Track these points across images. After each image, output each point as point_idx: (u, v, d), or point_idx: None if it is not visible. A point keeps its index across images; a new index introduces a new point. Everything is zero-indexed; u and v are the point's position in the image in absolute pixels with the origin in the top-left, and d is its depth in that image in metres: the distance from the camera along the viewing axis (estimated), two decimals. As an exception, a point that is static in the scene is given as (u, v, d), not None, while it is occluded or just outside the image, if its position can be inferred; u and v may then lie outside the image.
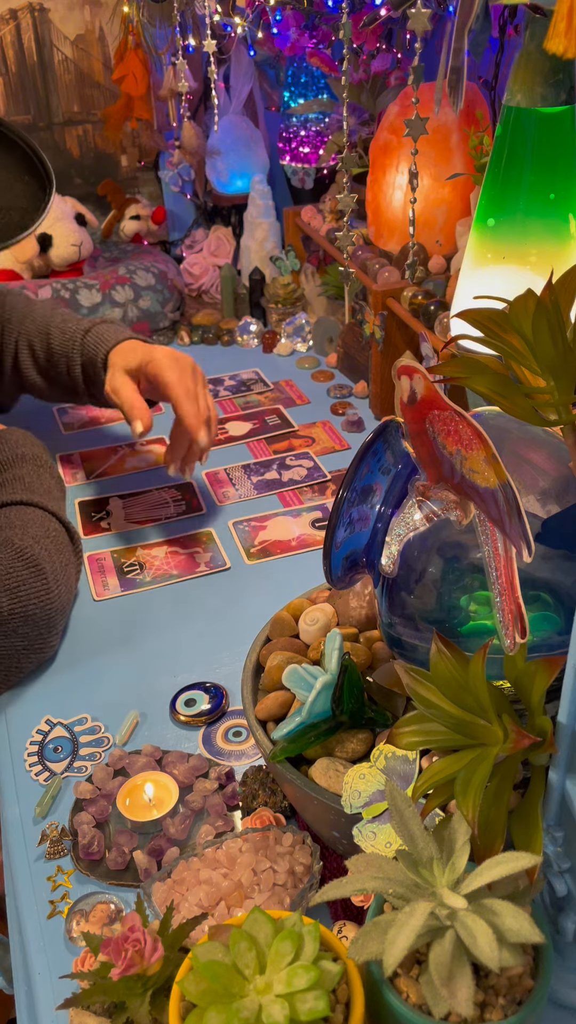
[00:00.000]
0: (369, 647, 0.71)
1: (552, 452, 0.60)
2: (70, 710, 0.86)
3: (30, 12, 1.72)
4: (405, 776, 0.58)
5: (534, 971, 0.50)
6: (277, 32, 1.47)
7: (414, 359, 0.56)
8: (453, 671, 0.52)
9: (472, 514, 0.52)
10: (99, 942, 0.57)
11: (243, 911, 0.62)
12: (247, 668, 0.72)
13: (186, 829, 0.73)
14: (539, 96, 0.77)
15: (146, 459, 1.27)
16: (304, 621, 0.73)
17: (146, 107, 1.77)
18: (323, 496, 1.17)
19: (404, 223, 1.23)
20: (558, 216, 0.81)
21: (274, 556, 1.06)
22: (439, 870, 0.49)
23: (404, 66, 1.37)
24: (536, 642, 0.58)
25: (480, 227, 0.85)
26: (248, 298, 1.64)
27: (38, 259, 1.60)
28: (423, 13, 0.99)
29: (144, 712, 0.86)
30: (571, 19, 0.54)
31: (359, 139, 1.46)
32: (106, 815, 0.75)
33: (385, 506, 0.63)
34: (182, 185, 1.72)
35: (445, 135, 1.19)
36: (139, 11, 1.66)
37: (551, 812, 0.54)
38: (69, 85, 1.80)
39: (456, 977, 0.45)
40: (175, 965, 0.54)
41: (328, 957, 0.49)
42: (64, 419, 1.38)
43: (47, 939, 0.67)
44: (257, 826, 0.69)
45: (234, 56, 1.60)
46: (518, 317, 0.49)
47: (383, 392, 1.29)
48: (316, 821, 0.64)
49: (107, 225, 1.84)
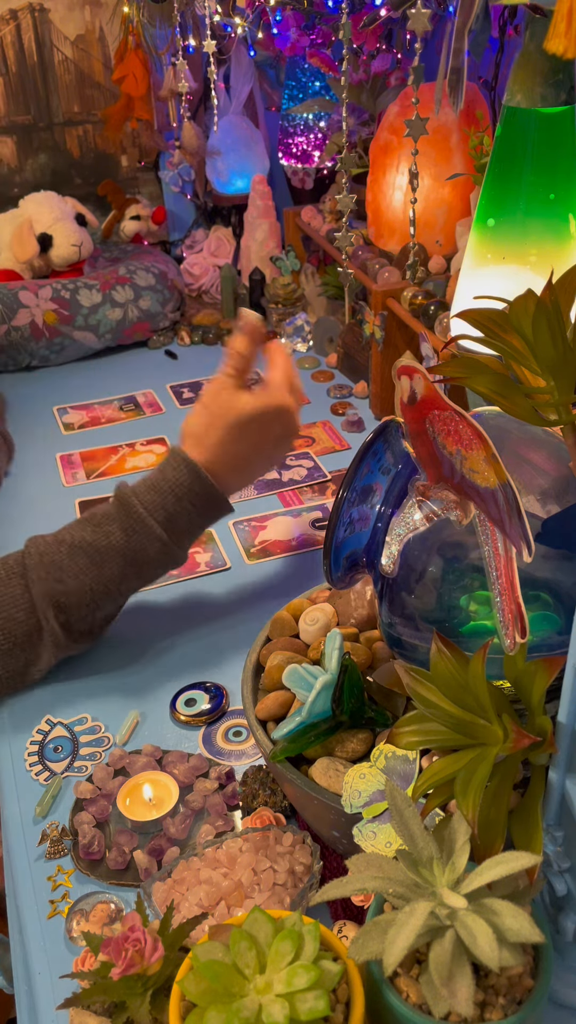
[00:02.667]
0: (369, 647, 0.71)
1: (552, 452, 0.61)
2: (70, 710, 0.86)
3: (30, 12, 1.72)
4: (405, 776, 0.58)
5: (534, 971, 0.50)
6: (277, 32, 1.47)
7: (414, 359, 0.56)
8: (453, 671, 0.52)
9: (472, 514, 0.52)
10: (99, 942, 0.57)
11: (243, 911, 0.62)
12: (247, 668, 0.72)
13: (186, 829, 0.73)
14: (539, 96, 0.77)
15: (146, 459, 1.27)
16: (304, 621, 0.73)
17: (146, 107, 1.77)
18: (323, 496, 1.17)
19: (404, 223, 1.23)
20: (558, 216, 0.81)
21: (274, 556, 1.06)
22: (439, 870, 0.49)
23: (404, 66, 1.37)
24: (536, 642, 0.59)
25: (480, 227, 0.85)
26: (248, 298, 1.64)
27: (38, 259, 1.60)
28: (423, 13, 0.99)
29: (144, 712, 0.86)
30: (571, 19, 0.54)
31: (359, 139, 1.46)
32: (106, 815, 0.75)
33: (385, 506, 0.63)
34: (182, 185, 1.72)
35: (445, 135, 1.19)
36: (139, 11, 1.66)
37: (551, 812, 0.54)
38: (69, 85, 1.80)
39: (456, 977, 0.45)
40: (175, 965, 0.54)
41: (328, 957, 0.49)
42: (64, 419, 1.38)
43: (47, 939, 0.67)
44: (257, 826, 0.69)
45: (234, 56, 1.60)
46: (518, 317, 0.49)
47: (383, 392, 1.29)
48: (316, 821, 0.64)
49: (107, 225, 1.84)
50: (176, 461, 0.87)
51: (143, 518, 0.84)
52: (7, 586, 0.83)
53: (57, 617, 0.84)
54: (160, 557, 0.86)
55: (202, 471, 0.86)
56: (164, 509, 0.85)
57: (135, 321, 1.55)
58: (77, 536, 0.85)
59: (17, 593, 0.83)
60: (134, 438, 1.32)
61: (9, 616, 0.82)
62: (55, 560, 0.84)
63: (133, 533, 0.85)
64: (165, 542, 0.85)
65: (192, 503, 0.86)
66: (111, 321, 1.53)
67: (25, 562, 0.84)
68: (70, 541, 0.85)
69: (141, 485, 0.87)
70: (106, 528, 0.85)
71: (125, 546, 0.85)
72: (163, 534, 0.85)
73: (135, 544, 0.85)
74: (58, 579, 0.83)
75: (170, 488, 0.85)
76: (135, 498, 0.85)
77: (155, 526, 0.84)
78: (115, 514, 0.86)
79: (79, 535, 0.85)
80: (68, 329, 1.50)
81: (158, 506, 0.85)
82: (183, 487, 0.86)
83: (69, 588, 0.83)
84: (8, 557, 0.85)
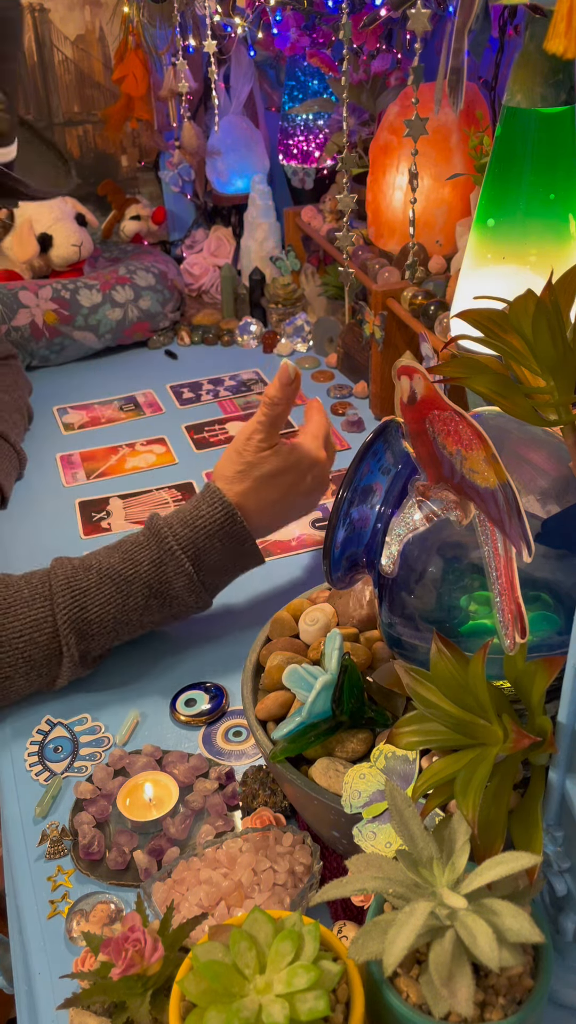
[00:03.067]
0: (369, 647, 0.71)
1: (552, 452, 0.60)
2: (70, 710, 0.86)
3: (30, 12, 1.72)
4: (405, 776, 0.58)
5: (534, 971, 0.50)
6: (277, 32, 1.47)
7: (414, 359, 0.56)
8: (453, 671, 0.52)
9: (472, 514, 0.52)
10: (99, 942, 0.57)
11: (243, 911, 0.62)
12: (247, 668, 0.72)
13: (186, 829, 0.73)
14: (539, 96, 0.77)
15: (146, 459, 1.27)
16: (304, 621, 0.73)
17: (146, 107, 1.77)
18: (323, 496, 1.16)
19: (404, 223, 1.23)
20: (558, 216, 0.81)
21: (274, 556, 1.06)
22: (439, 870, 0.49)
23: (404, 66, 1.37)
24: (536, 642, 0.59)
25: (480, 227, 0.85)
26: (248, 298, 1.64)
27: (38, 259, 1.60)
28: (423, 13, 0.99)
29: (144, 712, 0.86)
30: (571, 19, 0.54)
31: (359, 139, 1.46)
32: (106, 815, 0.75)
33: (385, 506, 0.63)
34: (182, 185, 1.72)
35: (445, 135, 1.19)
36: (139, 11, 1.66)
37: (551, 812, 0.54)
38: (69, 85, 1.80)
39: (456, 977, 0.45)
40: (175, 965, 0.54)
41: (328, 957, 0.49)
42: (64, 419, 1.38)
43: (47, 939, 0.67)
44: (257, 826, 0.69)
45: (234, 56, 1.60)
46: (518, 317, 0.49)
47: (383, 392, 1.29)
48: (316, 821, 0.64)
49: (107, 225, 1.84)
50: (212, 499, 0.87)
51: (173, 551, 0.84)
52: (32, 608, 0.82)
53: (79, 644, 0.83)
54: (185, 594, 0.86)
55: (236, 511, 0.86)
56: (195, 544, 0.85)
57: (135, 321, 1.55)
58: (105, 563, 0.85)
59: (42, 616, 0.82)
60: (134, 438, 1.32)
61: (31, 639, 0.81)
62: (82, 586, 0.83)
63: (161, 565, 0.84)
64: (192, 578, 0.85)
65: (222, 542, 0.86)
66: (111, 321, 1.53)
67: (52, 584, 0.83)
68: (98, 567, 0.84)
69: (174, 518, 0.87)
70: (136, 557, 0.85)
71: (152, 577, 0.84)
72: (191, 569, 0.85)
73: (163, 576, 0.85)
74: (83, 606, 0.83)
75: (203, 524, 0.86)
76: (168, 530, 0.85)
77: (185, 560, 0.84)
78: (145, 544, 0.86)
79: (107, 562, 0.85)
80: (68, 329, 1.50)
81: (189, 541, 0.85)
82: (216, 524, 0.86)
83: (93, 616, 0.83)
84: (33, 576, 0.84)
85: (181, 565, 0.84)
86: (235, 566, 0.89)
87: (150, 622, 0.87)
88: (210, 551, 0.86)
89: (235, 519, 0.86)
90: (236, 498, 0.87)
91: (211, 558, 0.86)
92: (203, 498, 0.87)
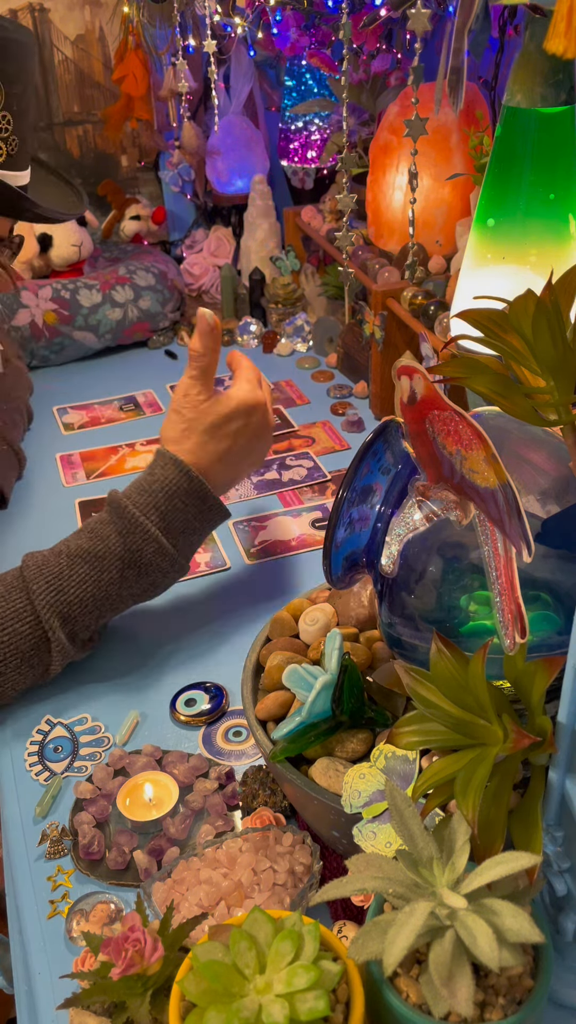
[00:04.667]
0: (369, 647, 0.71)
1: (552, 452, 0.60)
2: (70, 710, 0.86)
3: (30, 12, 1.72)
4: (405, 776, 0.58)
5: (534, 971, 0.50)
6: (277, 32, 1.47)
7: (414, 359, 0.56)
8: (453, 671, 0.52)
9: (472, 514, 0.52)
10: (99, 942, 0.57)
11: (243, 911, 0.62)
12: (247, 668, 0.72)
13: (186, 829, 0.73)
14: (539, 96, 0.77)
15: (146, 459, 1.27)
16: (304, 621, 0.73)
17: (146, 107, 1.77)
18: (323, 496, 1.17)
19: (404, 223, 1.23)
20: (558, 216, 0.81)
21: (274, 556, 1.06)
22: (439, 870, 0.49)
23: (404, 66, 1.37)
24: (536, 642, 0.59)
25: (480, 227, 0.85)
26: (248, 298, 1.64)
27: (38, 259, 1.60)
28: (423, 13, 0.99)
29: (144, 712, 0.86)
30: (571, 19, 0.54)
31: (359, 139, 1.46)
32: (106, 815, 0.75)
33: (385, 506, 0.63)
34: (182, 185, 1.72)
35: (445, 135, 1.19)
36: (139, 11, 1.66)
37: (551, 812, 0.54)
38: (69, 85, 1.80)
39: (456, 977, 0.45)
40: (175, 965, 0.54)
41: (328, 957, 0.49)
42: (64, 419, 1.38)
43: (47, 939, 0.67)
44: (257, 826, 0.69)
45: (234, 56, 1.60)
46: (518, 317, 0.49)
47: (383, 392, 1.29)
48: (316, 821, 0.64)
49: (107, 225, 1.84)
50: (163, 461, 0.88)
51: (136, 518, 0.85)
52: (8, 600, 0.82)
53: (64, 627, 0.83)
54: (158, 559, 0.86)
55: (191, 468, 0.87)
56: (156, 508, 0.85)
57: (135, 321, 1.55)
58: (73, 545, 0.85)
59: (20, 606, 0.82)
60: (134, 438, 1.32)
61: (15, 631, 0.82)
62: (55, 571, 0.84)
63: (128, 535, 0.85)
64: (161, 542, 0.85)
65: (184, 501, 0.86)
66: (111, 321, 1.53)
67: (24, 575, 0.84)
68: (67, 551, 0.85)
69: (131, 488, 0.87)
70: (101, 533, 0.85)
71: (122, 549, 0.85)
72: (158, 533, 0.85)
73: (131, 546, 0.85)
74: (60, 589, 0.83)
75: (160, 487, 0.86)
76: (127, 500, 0.86)
77: (149, 526, 0.85)
78: (108, 519, 0.86)
79: (75, 544, 0.85)
80: (68, 329, 1.50)
81: (150, 506, 0.85)
82: (173, 485, 0.86)
83: (72, 598, 0.83)
84: (6, 575, 0.85)
85: (147, 531, 0.85)
86: (201, 524, 0.89)
87: (131, 595, 0.87)
88: (173, 512, 0.86)
89: (191, 476, 0.86)
90: (187, 456, 0.88)
91: (175, 519, 0.86)
92: (155, 463, 0.88)
